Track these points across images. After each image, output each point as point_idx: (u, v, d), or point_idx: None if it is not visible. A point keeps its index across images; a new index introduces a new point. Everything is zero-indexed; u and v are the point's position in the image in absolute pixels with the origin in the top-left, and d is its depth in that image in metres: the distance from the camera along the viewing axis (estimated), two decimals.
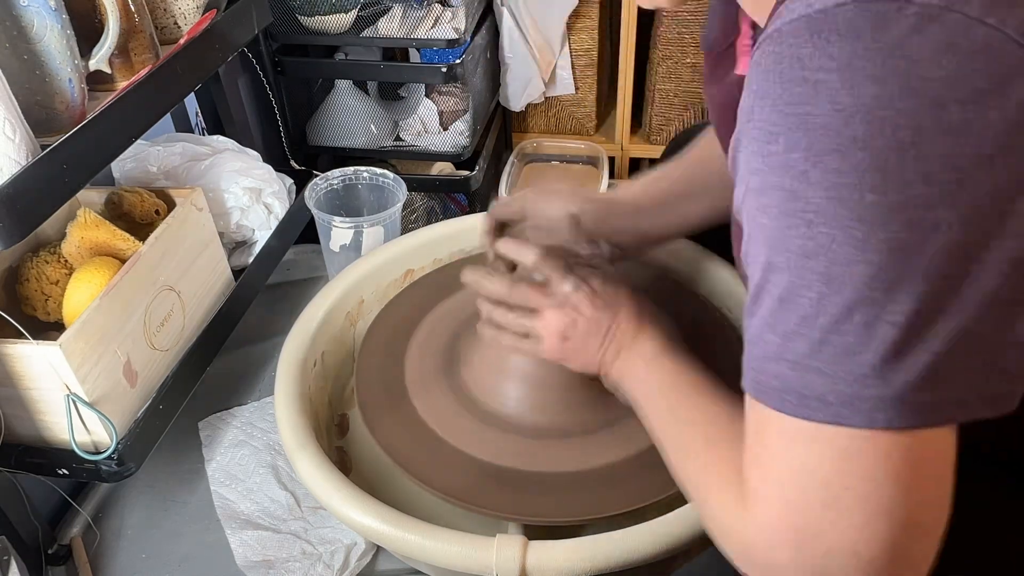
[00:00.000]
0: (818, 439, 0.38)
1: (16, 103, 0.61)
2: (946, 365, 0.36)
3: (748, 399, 0.43)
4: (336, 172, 1.14)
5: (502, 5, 1.56)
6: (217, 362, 0.90)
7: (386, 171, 1.14)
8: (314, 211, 1.07)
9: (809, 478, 0.39)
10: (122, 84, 0.77)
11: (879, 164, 0.35)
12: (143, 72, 0.76)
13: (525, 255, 0.69)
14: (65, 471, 0.74)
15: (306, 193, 1.08)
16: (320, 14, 1.26)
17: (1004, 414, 0.38)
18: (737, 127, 0.42)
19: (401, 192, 1.11)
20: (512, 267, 0.74)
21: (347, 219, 1.05)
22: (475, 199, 1.56)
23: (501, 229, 0.79)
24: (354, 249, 1.07)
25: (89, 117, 0.68)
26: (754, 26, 0.57)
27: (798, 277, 0.38)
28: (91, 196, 0.88)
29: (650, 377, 0.62)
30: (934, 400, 0.37)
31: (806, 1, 0.37)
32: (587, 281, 0.66)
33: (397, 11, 1.32)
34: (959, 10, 0.34)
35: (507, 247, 0.71)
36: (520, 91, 1.69)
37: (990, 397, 0.38)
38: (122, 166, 0.99)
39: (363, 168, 1.15)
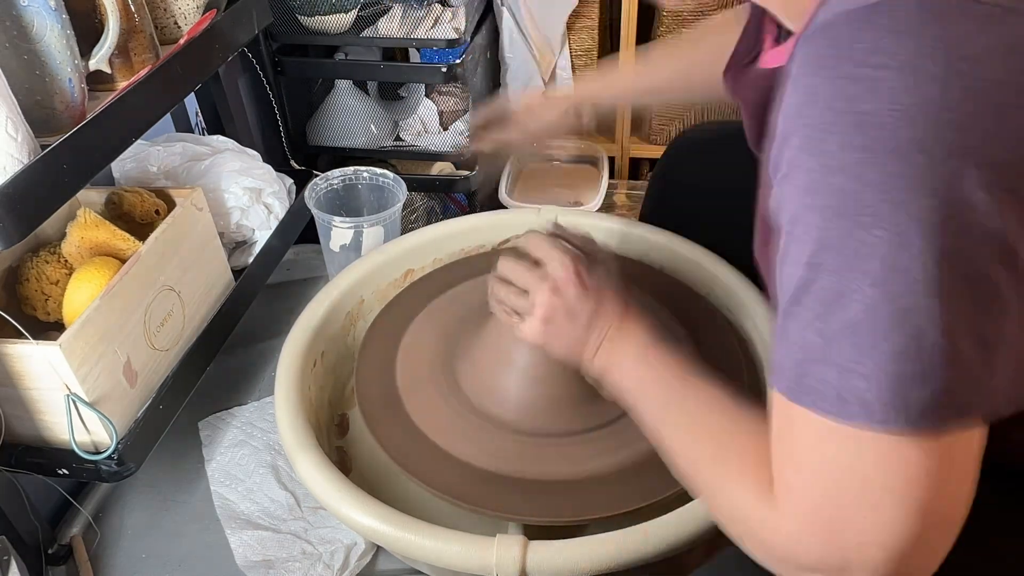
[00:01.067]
0: (859, 440, 0.39)
1: (16, 103, 0.61)
2: (987, 369, 0.37)
3: (777, 396, 0.43)
4: (336, 172, 1.14)
5: (502, 5, 1.56)
6: (217, 362, 0.90)
7: (386, 171, 1.14)
8: (314, 211, 1.07)
9: (848, 476, 0.39)
10: (122, 84, 0.77)
11: (939, 169, 0.34)
12: (143, 72, 0.76)
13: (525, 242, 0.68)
14: (65, 471, 0.74)
15: (306, 193, 1.08)
16: (320, 14, 1.26)
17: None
18: (781, 124, 0.41)
19: (401, 192, 1.11)
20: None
21: (347, 219, 1.05)
22: (475, 199, 1.56)
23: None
24: (354, 249, 1.07)
25: (89, 117, 0.68)
26: (779, 29, 0.56)
27: (848, 280, 0.37)
28: (91, 196, 0.88)
29: (639, 370, 0.60)
30: (972, 401, 0.37)
31: None
32: (577, 265, 0.64)
33: (397, 11, 1.32)
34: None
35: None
36: (520, 91, 1.69)
37: (1016, 397, 0.39)
38: (122, 166, 0.99)
39: (363, 168, 1.15)
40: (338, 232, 1.06)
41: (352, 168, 1.15)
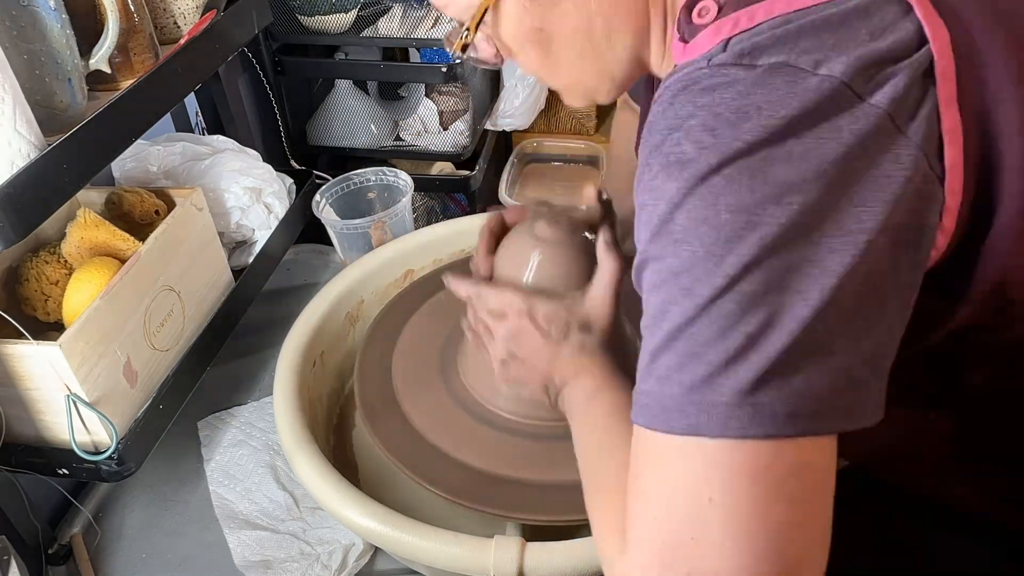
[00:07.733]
0: (682, 452, 0.39)
1: (24, 97, 0.61)
2: (793, 372, 0.37)
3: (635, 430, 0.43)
4: (348, 175, 1.15)
5: None
6: (217, 362, 0.90)
7: (397, 170, 1.16)
8: (323, 219, 1.08)
9: (674, 492, 0.39)
10: (122, 84, 0.77)
11: (733, 188, 0.39)
12: (143, 72, 0.77)
13: (460, 290, 0.69)
14: (65, 471, 0.74)
15: (316, 197, 1.09)
16: (320, 14, 1.26)
17: (864, 427, 0.39)
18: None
19: (407, 188, 1.12)
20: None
21: (354, 220, 1.06)
22: (475, 199, 1.57)
23: (502, 232, 0.75)
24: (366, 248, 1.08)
25: (89, 117, 0.68)
26: None
27: (667, 294, 0.40)
28: (91, 196, 0.88)
29: (586, 413, 0.59)
30: (787, 410, 0.37)
31: (680, 70, 0.43)
32: (533, 314, 0.64)
33: (397, 11, 1.32)
34: (793, 64, 0.40)
35: (449, 283, 0.71)
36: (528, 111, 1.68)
37: (844, 409, 0.39)
38: (122, 166, 0.99)
39: (369, 170, 1.16)
40: (347, 235, 1.07)
41: (358, 171, 1.16)
